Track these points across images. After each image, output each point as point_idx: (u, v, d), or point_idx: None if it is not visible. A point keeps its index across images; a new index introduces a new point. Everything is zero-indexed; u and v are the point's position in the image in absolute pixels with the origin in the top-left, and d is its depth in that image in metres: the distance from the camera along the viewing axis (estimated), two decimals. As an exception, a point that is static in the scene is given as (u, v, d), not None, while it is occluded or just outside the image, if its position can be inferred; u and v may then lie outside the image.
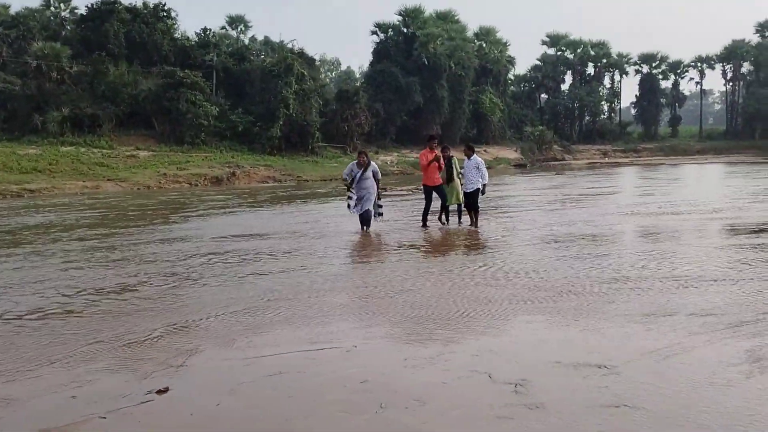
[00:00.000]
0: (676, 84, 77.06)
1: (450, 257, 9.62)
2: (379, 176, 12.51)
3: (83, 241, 12.22)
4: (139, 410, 4.08)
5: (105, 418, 3.98)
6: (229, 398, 4.20)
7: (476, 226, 12.28)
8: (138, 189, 30.47)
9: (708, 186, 24.70)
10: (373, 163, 12.55)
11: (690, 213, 14.22)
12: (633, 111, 79.52)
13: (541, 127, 64.20)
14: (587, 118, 75.40)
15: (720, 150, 66.05)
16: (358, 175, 12.22)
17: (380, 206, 12.68)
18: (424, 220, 12.75)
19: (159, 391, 4.41)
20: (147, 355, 5.16)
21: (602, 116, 76.20)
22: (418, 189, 25.83)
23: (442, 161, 12.60)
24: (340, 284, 7.65)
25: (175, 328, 5.88)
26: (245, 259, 9.66)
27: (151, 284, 7.94)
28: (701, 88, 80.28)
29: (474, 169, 12.32)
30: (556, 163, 57.59)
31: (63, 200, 23.96)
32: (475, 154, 12.64)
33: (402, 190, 26.51)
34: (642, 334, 5.20)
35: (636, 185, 26.38)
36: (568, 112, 73.93)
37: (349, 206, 12.46)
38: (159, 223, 15.62)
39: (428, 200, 12.79)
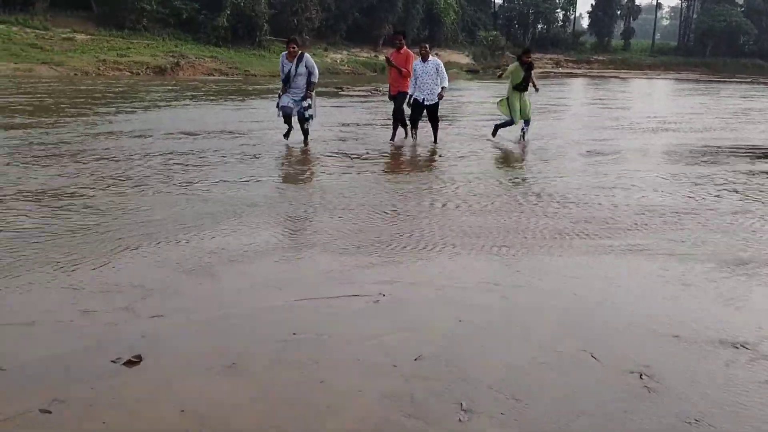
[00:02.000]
0: (632, -6, 75.53)
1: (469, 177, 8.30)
2: (316, 75, 9.49)
3: (12, 131, 10.40)
4: (102, 400, 2.70)
5: (50, 412, 2.63)
6: (232, 383, 2.85)
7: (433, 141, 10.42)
8: (75, 74, 27.87)
9: (683, 102, 23.86)
10: (307, 55, 9.59)
11: (687, 132, 13.17)
12: (587, 21, 77.94)
13: (494, 33, 62.18)
14: (541, 25, 73.48)
15: (670, 66, 65.60)
16: (292, 69, 9.38)
17: (309, 106, 9.47)
18: (395, 129, 10.74)
19: (129, 362, 3.07)
20: (101, 297, 3.77)
21: (556, 24, 74.29)
22: (377, 90, 24.18)
23: (408, 65, 10.20)
24: (330, 201, 6.26)
25: (135, 254, 4.47)
26: (211, 163, 8.14)
27: (99, 189, 6.40)
28: (657, 1, 79.19)
29: (433, 74, 10.15)
30: (510, 70, 55.94)
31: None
32: (432, 56, 10.43)
33: (360, 90, 24.75)
34: (748, 294, 4.07)
35: (609, 98, 25.32)
36: (522, 18, 71.79)
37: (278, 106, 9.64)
38: (103, 113, 13.72)
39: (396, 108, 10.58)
